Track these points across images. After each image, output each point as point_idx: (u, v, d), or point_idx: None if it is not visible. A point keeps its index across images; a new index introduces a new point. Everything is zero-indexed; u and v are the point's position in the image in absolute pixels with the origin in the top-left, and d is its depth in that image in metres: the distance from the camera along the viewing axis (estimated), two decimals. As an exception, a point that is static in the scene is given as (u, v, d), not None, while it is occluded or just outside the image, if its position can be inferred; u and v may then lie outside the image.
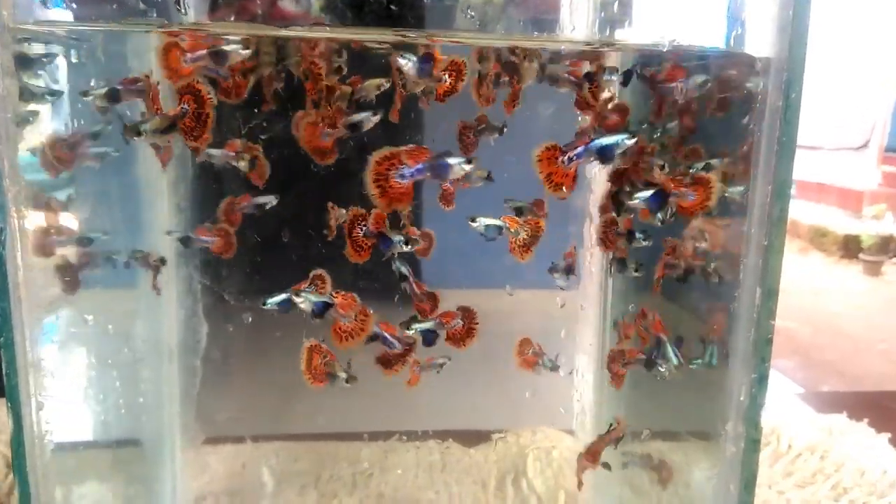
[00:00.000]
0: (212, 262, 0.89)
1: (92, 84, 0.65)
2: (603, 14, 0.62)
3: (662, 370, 0.70)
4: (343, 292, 0.67)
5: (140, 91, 0.63)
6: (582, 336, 1.08)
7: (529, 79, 0.68)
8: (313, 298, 0.65)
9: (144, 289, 0.90)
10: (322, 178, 0.81)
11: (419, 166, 0.59)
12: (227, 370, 0.99)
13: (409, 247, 0.70)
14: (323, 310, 0.66)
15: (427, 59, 0.58)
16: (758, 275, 0.59)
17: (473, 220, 0.69)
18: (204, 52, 0.58)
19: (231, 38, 0.59)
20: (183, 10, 0.53)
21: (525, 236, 0.68)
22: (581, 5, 0.80)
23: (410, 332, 0.71)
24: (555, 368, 0.87)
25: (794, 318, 4.66)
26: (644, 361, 0.75)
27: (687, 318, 0.78)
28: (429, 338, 0.71)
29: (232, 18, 0.58)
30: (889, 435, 1.34)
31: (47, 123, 0.64)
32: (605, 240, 0.78)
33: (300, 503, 1.10)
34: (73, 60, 0.69)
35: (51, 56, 0.64)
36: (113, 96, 0.63)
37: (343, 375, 0.75)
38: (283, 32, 0.59)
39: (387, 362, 0.68)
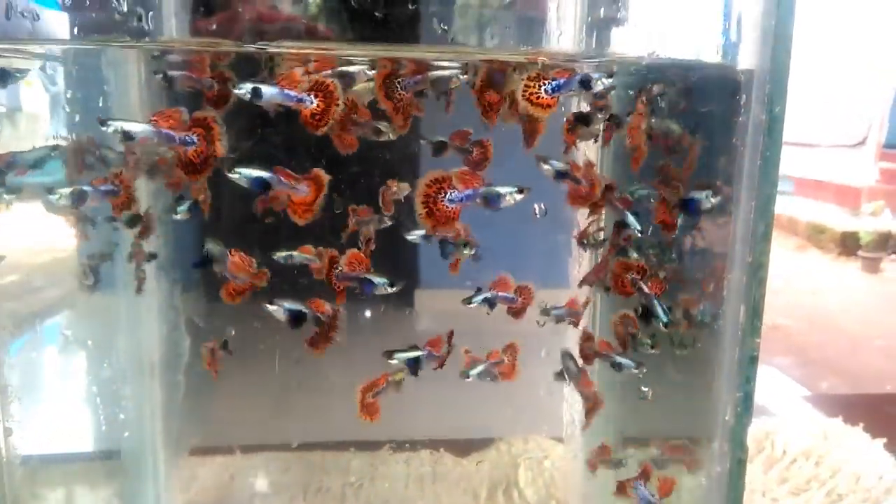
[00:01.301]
0: (192, 281, 0.88)
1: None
2: (590, 19, 0.61)
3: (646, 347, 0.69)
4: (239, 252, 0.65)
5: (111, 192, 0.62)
6: (571, 345, 1.06)
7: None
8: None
9: (124, 303, 0.88)
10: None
11: (469, 192, 0.58)
12: (212, 383, 0.97)
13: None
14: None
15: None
16: (742, 293, 0.57)
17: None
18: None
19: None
20: (147, 27, 0.52)
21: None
22: (568, 14, 0.79)
23: (394, 362, 0.70)
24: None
25: (791, 315, 4.65)
26: (612, 362, 0.73)
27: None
28: (412, 368, 0.70)
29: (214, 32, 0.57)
30: (885, 440, 1.33)
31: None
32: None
33: (288, 516, 1.08)
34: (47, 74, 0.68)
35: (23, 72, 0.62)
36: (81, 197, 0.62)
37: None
38: (270, 49, 0.58)
39: (315, 342, 0.66)
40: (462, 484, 1.16)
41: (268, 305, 0.63)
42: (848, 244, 5.33)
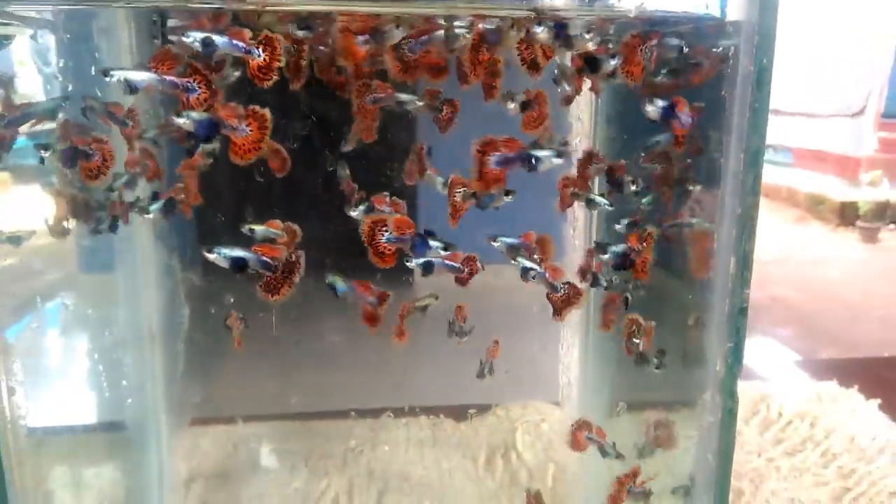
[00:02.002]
0: (189, 244, 0.89)
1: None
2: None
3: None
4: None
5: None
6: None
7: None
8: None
9: (123, 272, 0.89)
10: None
11: (511, 155, 0.63)
12: (212, 352, 0.98)
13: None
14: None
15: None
16: (732, 244, 0.58)
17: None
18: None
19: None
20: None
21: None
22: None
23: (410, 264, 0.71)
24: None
25: (791, 286, 4.66)
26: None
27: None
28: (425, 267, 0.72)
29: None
30: (879, 400, 1.35)
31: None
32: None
33: (291, 482, 1.10)
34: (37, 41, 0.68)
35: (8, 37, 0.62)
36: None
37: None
38: (275, 7, 0.58)
39: (271, 288, 0.66)
40: (461, 448, 1.18)
41: (206, 254, 0.62)
42: (847, 214, 5.33)
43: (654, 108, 0.61)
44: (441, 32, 0.61)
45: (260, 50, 0.55)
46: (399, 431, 1.21)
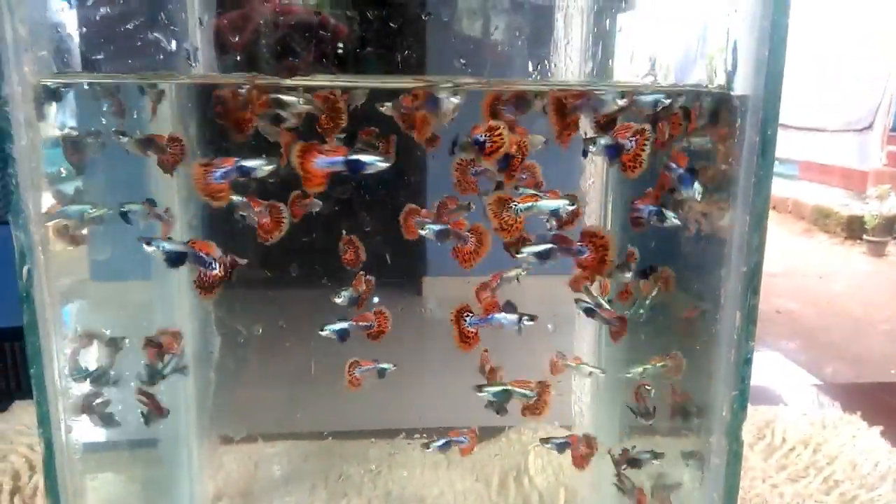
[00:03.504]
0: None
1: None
2: (592, 52, 0.65)
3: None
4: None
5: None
6: (580, 336, 1.11)
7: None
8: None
9: (159, 298, 0.94)
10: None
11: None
12: (240, 377, 1.03)
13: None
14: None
15: None
16: (737, 300, 0.62)
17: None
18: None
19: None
20: (192, 63, 0.57)
21: None
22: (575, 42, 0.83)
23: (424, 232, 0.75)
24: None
25: (796, 299, 4.67)
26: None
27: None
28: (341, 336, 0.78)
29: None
30: (881, 427, 1.38)
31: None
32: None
33: (311, 502, 1.14)
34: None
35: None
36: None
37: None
38: (293, 82, 0.62)
39: (205, 286, 0.69)
40: (475, 470, 1.22)
41: (146, 246, 0.64)
42: (854, 228, 5.35)
43: (596, 148, 0.66)
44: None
45: (217, 264, 0.61)
46: (415, 454, 1.26)
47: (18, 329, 0.58)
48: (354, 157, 0.62)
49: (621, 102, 0.64)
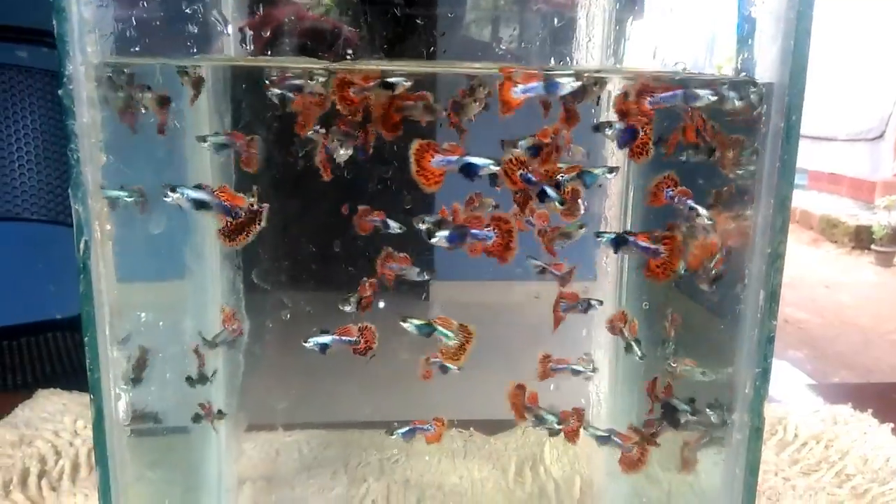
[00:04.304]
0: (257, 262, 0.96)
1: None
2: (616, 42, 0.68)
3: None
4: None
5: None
6: (598, 330, 1.14)
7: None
8: None
9: (190, 284, 0.97)
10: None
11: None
12: (268, 364, 1.05)
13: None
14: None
15: None
16: (762, 279, 0.65)
17: None
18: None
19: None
20: (244, 46, 0.60)
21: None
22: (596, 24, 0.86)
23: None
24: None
25: (805, 309, 4.67)
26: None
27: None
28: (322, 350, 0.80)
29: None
30: (892, 425, 1.40)
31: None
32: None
33: (332, 487, 1.17)
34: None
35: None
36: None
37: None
38: (336, 66, 0.65)
39: (230, 234, 0.70)
40: (492, 460, 1.24)
41: (170, 192, 0.67)
42: (862, 238, 5.37)
43: (612, 131, 0.68)
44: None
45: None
46: (432, 444, 1.28)
47: (39, 324, 0.60)
48: (469, 159, 0.65)
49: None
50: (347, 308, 0.90)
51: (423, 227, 0.76)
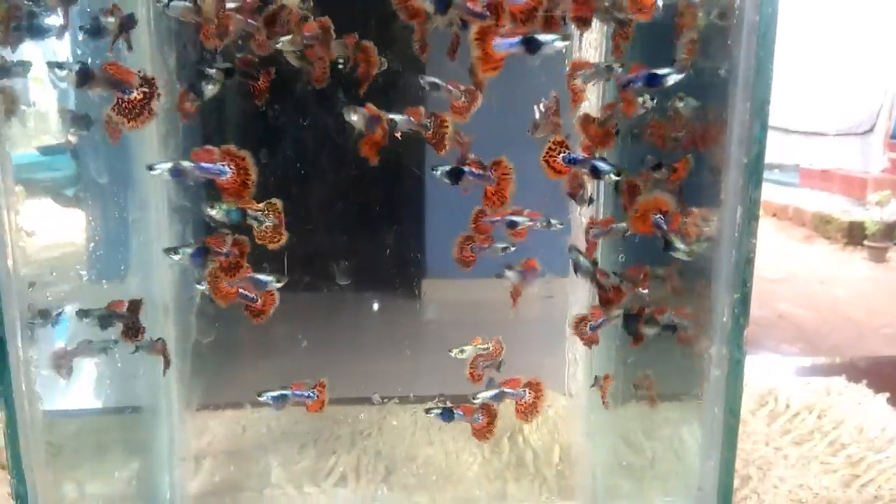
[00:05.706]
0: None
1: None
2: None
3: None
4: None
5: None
6: (574, 303, 1.08)
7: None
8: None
9: (135, 247, 0.91)
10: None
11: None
12: (223, 339, 1.00)
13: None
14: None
15: None
16: (739, 193, 0.59)
17: None
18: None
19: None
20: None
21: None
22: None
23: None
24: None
25: (797, 304, 4.64)
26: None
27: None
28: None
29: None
30: (888, 394, 1.34)
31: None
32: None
33: (299, 460, 1.11)
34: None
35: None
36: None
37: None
38: None
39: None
40: (468, 431, 1.18)
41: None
42: (854, 234, 5.32)
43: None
44: None
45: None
46: (406, 416, 1.22)
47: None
48: (532, 36, 0.60)
49: None
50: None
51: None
